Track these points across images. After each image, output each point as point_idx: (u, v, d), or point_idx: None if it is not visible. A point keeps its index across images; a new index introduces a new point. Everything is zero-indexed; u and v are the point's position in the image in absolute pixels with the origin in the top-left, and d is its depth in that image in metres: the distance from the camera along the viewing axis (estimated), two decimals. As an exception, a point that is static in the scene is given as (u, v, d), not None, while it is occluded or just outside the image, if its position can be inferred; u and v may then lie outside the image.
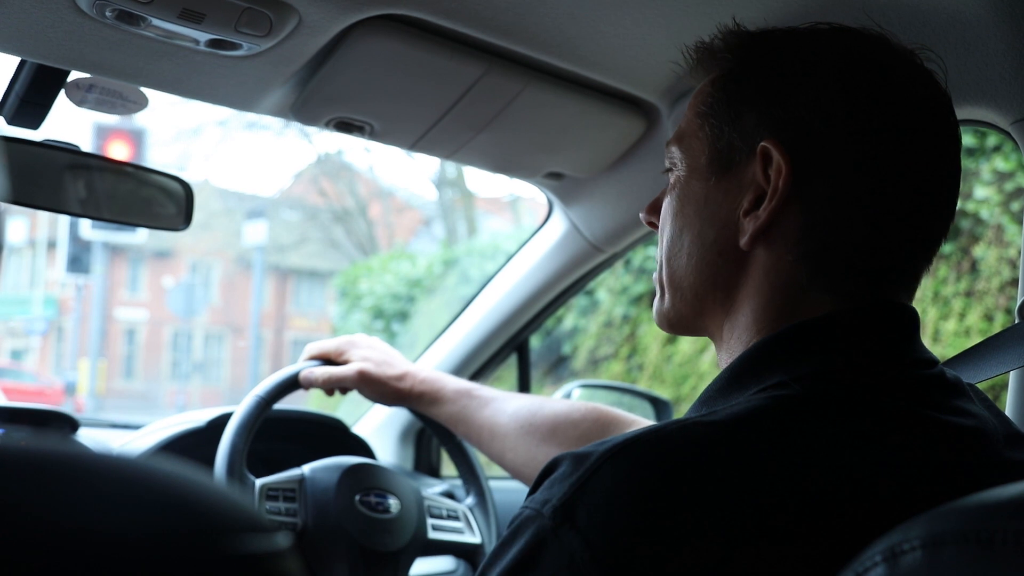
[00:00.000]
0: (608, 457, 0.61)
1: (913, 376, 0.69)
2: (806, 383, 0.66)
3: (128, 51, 1.09)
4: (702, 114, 0.77)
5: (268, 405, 1.41)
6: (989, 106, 1.12)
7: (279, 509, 1.37)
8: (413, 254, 9.61)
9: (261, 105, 1.26)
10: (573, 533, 0.58)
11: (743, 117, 0.73)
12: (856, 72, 0.71)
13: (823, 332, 0.69)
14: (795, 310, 0.71)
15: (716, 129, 0.75)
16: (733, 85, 0.75)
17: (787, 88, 0.72)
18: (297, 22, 1.05)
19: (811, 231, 0.70)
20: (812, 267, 0.71)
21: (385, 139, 1.37)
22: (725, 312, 0.76)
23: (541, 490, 0.63)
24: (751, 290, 0.73)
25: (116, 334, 20.94)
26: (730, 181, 0.74)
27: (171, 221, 1.36)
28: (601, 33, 1.16)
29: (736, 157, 0.74)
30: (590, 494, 0.60)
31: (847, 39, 0.74)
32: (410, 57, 1.16)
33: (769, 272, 0.72)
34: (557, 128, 1.38)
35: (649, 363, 5.75)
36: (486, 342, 1.86)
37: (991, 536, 0.46)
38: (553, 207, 1.70)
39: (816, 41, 0.74)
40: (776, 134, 0.71)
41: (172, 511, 0.35)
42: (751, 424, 0.62)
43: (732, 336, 0.76)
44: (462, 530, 1.52)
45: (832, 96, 0.70)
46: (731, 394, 0.70)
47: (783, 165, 0.70)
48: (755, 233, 0.72)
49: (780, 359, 0.69)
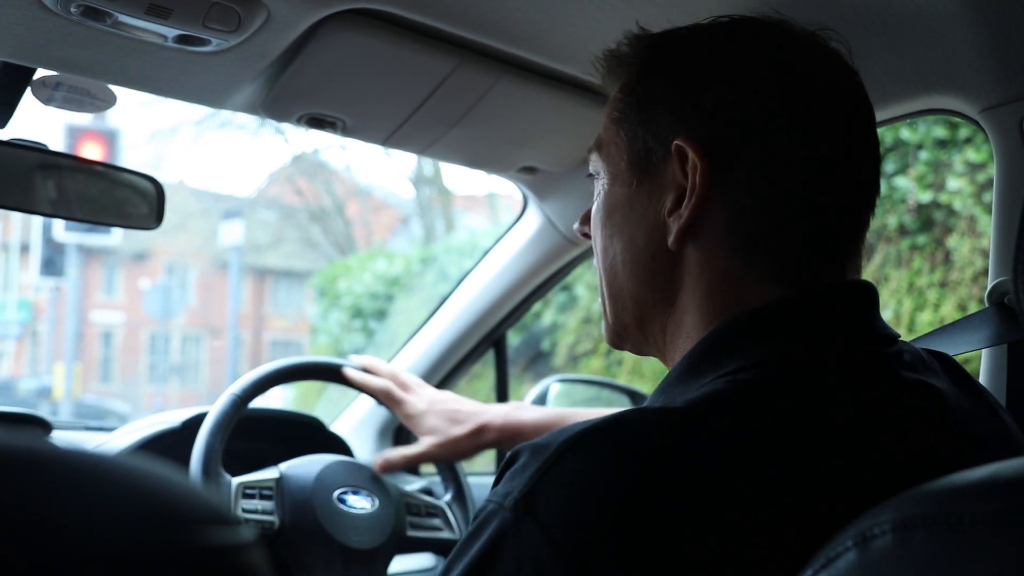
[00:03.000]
0: (567, 448, 0.61)
1: (873, 355, 0.69)
2: (764, 368, 0.66)
3: (95, 48, 1.07)
4: (616, 120, 0.78)
5: (243, 404, 1.40)
6: (957, 95, 1.13)
7: (256, 508, 1.37)
8: (391, 253, 9.59)
9: (231, 102, 1.25)
10: (534, 525, 0.59)
11: (655, 119, 0.74)
12: (761, 59, 0.72)
13: (779, 316, 0.70)
14: (738, 301, 0.71)
15: (630, 133, 0.76)
16: (640, 88, 0.76)
17: (694, 83, 0.72)
18: (266, 17, 1.04)
19: (737, 222, 0.71)
20: (745, 257, 0.71)
21: (357, 135, 1.36)
22: (667, 315, 0.76)
23: (503, 482, 0.63)
24: (690, 288, 0.74)
25: (92, 337, 20.75)
26: (651, 183, 0.74)
27: (143, 220, 1.34)
28: (572, 26, 1.16)
29: (653, 159, 0.74)
30: (549, 485, 0.60)
31: (748, 28, 0.74)
32: (381, 52, 1.16)
33: (704, 268, 0.72)
34: (530, 122, 1.38)
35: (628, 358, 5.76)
36: (463, 338, 1.86)
37: (960, 518, 0.46)
38: (528, 202, 1.70)
39: (717, 34, 0.75)
40: (689, 131, 0.71)
41: (135, 504, 0.34)
42: (710, 410, 0.63)
43: (679, 336, 0.76)
44: (440, 527, 1.52)
45: (739, 84, 0.71)
46: (689, 382, 0.70)
47: (698, 161, 0.70)
48: (680, 232, 0.72)
49: (737, 345, 0.69)
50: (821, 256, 0.71)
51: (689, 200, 0.71)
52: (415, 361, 1.90)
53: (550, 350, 6.60)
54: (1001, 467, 0.50)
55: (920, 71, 1.13)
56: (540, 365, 6.70)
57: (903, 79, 1.15)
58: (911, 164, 4.33)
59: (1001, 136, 1.12)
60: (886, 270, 4.44)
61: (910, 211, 4.37)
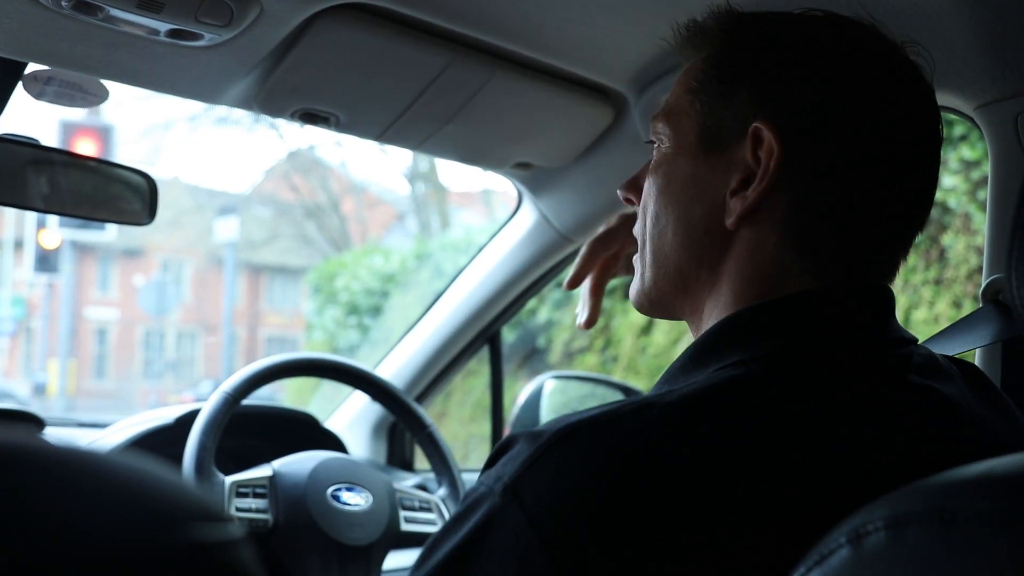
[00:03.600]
0: (559, 438, 0.61)
1: (878, 356, 0.69)
2: (765, 362, 0.66)
3: (87, 42, 1.07)
4: (693, 90, 0.76)
5: (236, 401, 1.39)
6: (952, 92, 1.13)
7: (250, 506, 1.36)
8: (387, 249, 9.58)
9: (224, 96, 1.25)
10: (521, 512, 0.58)
11: (735, 96, 0.73)
12: (849, 59, 0.71)
13: (789, 310, 0.70)
14: (776, 289, 0.71)
15: (707, 107, 0.75)
16: (727, 63, 0.75)
17: (781, 70, 0.72)
18: (259, 11, 1.04)
19: (796, 213, 0.70)
20: (795, 248, 0.71)
21: (351, 130, 1.35)
22: (708, 290, 0.76)
23: (496, 467, 0.63)
24: (734, 269, 0.74)
25: (87, 334, 20.71)
26: (719, 160, 0.74)
27: (136, 215, 1.34)
28: (568, 21, 1.16)
29: (726, 136, 0.73)
30: (539, 474, 0.60)
31: (840, 26, 0.74)
32: (374, 47, 1.15)
33: (754, 252, 0.72)
34: (525, 118, 1.38)
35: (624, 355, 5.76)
36: (458, 335, 1.86)
37: (954, 515, 0.46)
38: (523, 198, 1.69)
39: (811, 25, 0.74)
40: (768, 115, 0.71)
41: (124, 501, 0.34)
42: (702, 404, 0.62)
43: (712, 315, 0.75)
44: (435, 521, 1.52)
45: (825, 81, 0.70)
46: (692, 372, 0.70)
47: (775, 147, 0.70)
48: (743, 213, 0.72)
49: (743, 336, 0.69)
50: (865, 259, 0.72)
51: (759, 184, 0.70)
52: (410, 357, 1.90)
53: (545, 347, 6.60)
54: (995, 464, 0.50)
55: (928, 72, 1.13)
56: (535, 362, 6.70)
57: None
58: None
59: (996, 133, 1.12)
60: None
61: None
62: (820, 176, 0.70)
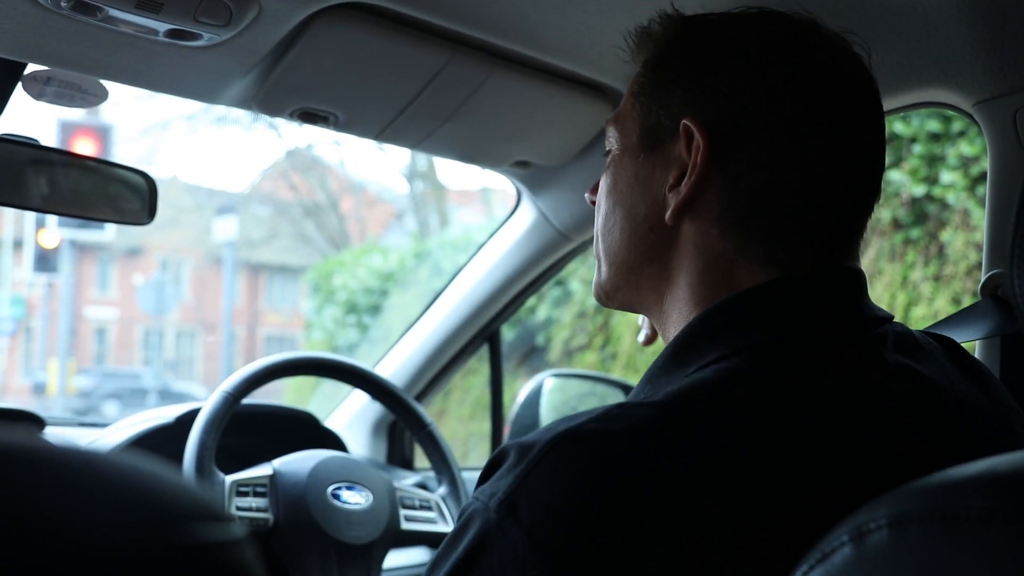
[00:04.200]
0: (549, 448, 0.60)
1: (859, 338, 0.69)
2: (747, 355, 0.66)
3: (86, 42, 1.07)
4: (635, 94, 0.80)
5: (236, 401, 1.40)
6: (950, 88, 1.13)
7: (250, 505, 1.36)
8: (385, 248, 9.57)
9: (223, 96, 1.25)
10: (516, 527, 0.58)
11: (670, 96, 0.76)
12: (778, 49, 0.73)
13: (762, 301, 0.70)
14: (728, 281, 0.72)
15: (646, 108, 0.78)
16: (662, 65, 0.78)
17: (710, 66, 0.74)
18: (257, 11, 1.04)
19: (732, 204, 0.72)
20: (736, 239, 0.72)
21: (350, 129, 1.35)
22: (662, 286, 0.78)
23: (490, 482, 0.63)
24: (683, 264, 0.75)
25: (86, 333, 20.70)
26: (658, 158, 0.76)
27: (136, 215, 1.34)
28: (564, 19, 1.16)
29: (663, 135, 0.76)
30: (532, 487, 0.59)
31: (772, 20, 0.76)
32: (373, 46, 1.15)
33: (698, 246, 0.74)
34: (523, 116, 1.38)
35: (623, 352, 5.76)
36: (457, 333, 1.86)
37: (956, 514, 0.46)
38: (521, 196, 1.69)
39: (742, 22, 0.76)
40: (698, 112, 0.73)
41: (125, 500, 0.34)
42: (691, 402, 0.62)
43: (673, 311, 0.77)
44: (435, 520, 1.52)
45: (753, 73, 0.72)
46: (674, 372, 0.70)
47: (701, 141, 0.72)
48: (677, 208, 0.74)
49: (721, 332, 0.70)
50: (812, 244, 0.72)
51: (689, 178, 0.72)
52: (410, 355, 1.90)
53: (545, 345, 6.60)
54: (996, 462, 0.50)
55: (913, 64, 1.13)
56: (535, 360, 6.70)
57: (896, 72, 1.15)
58: (904, 158, 4.32)
59: (994, 129, 1.12)
60: (880, 264, 4.43)
61: (904, 205, 4.37)
62: (752, 167, 0.71)
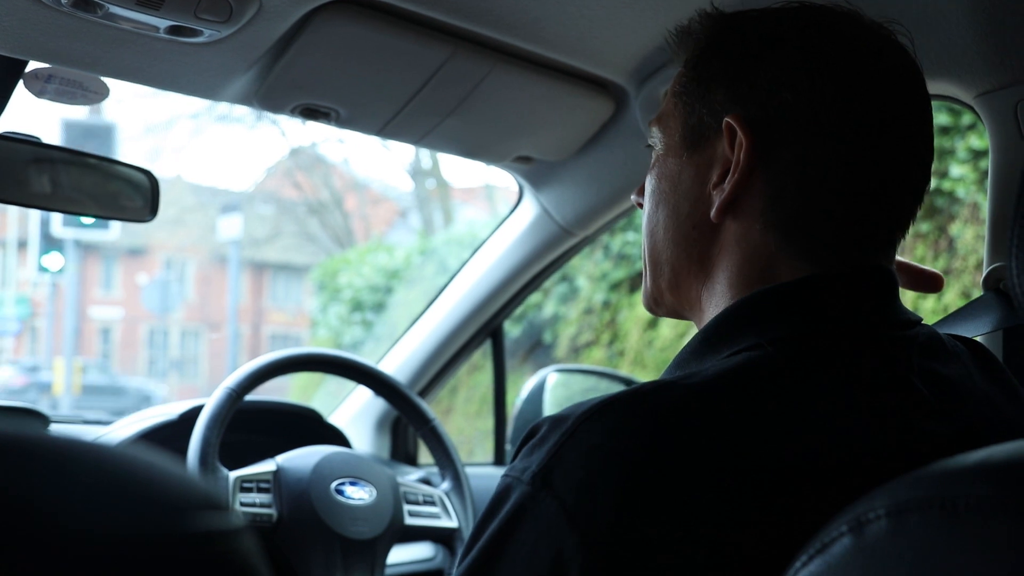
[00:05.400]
0: (584, 419, 0.61)
1: (889, 337, 0.70)
2: (780, 345, 0.67)
3: (86, 39, 1.07)
4: (677, 94, 0.80)
5: (239, 397, 1.40)
6: (952, 80, 1.13)
7: (254, 501, 1.37)
8: (391, 245, 9.57)
9: (225, 93, 1.25)
10: (551, 498, 0.59)
11: (711, 95, 0.75)
12: (820, 44, 0.72)
13: (797, 295, 0.70)
14: (769, 277, 0.72)
15: (688, 107, 0.78)
16: (703, 64, 0.77)
17: (751, 63, 0.73)
18: (258, 7, 1.04)
19: (776, 201, 0.72)
20: (780, 235, 0.72)
21: (352, 125, 1.35)
22: (702, 283, 0.78)
23: (521, 457, 0.63)
24: (725, 260, 0.75)
25: (91, 333, 20.73)
26: (701, 156, 0.76)
27: (138, 213, 1.34)
28: (567, 14, 1.16)
29: (706, 133, 0.76)
30: (567, 458, 0.60)
31: (813, 13, 0.75)
32: (374, 41, 1.15)
33: (740, 242, 0.74)
34: (525, 111, 1.38)
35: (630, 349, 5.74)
36: (460, 329, 1.86)
37: (955, 502, 0.46)
38: (524, 192, 1.69)
39: (782, 17, 0.76)
40: (741, 109, 0.73)
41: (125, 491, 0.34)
42: (725, 386, 0.63)
43: (710, 305, 0.77)
44: (439, 515, 1.52)
45: (796, 68, 0.71)
46: (705, 357, 0.71)
47: (744, 139, 0.71)
48: (722, 205, 0.73)
49: (754, 322, 0.70)
50: (855, 243, 0.72)
51: (733, 175, 0.72)
52: (413, 352, 1.90)
53: (551, 341, 6.58)
54: (994, 451, 0.50)
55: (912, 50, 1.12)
56: (541, 356, 6.68)
57: (898, 65, 1.14)
58: None
59: (997, 121, 1.11)
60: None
61: None
62: (796, 164, 0.71)
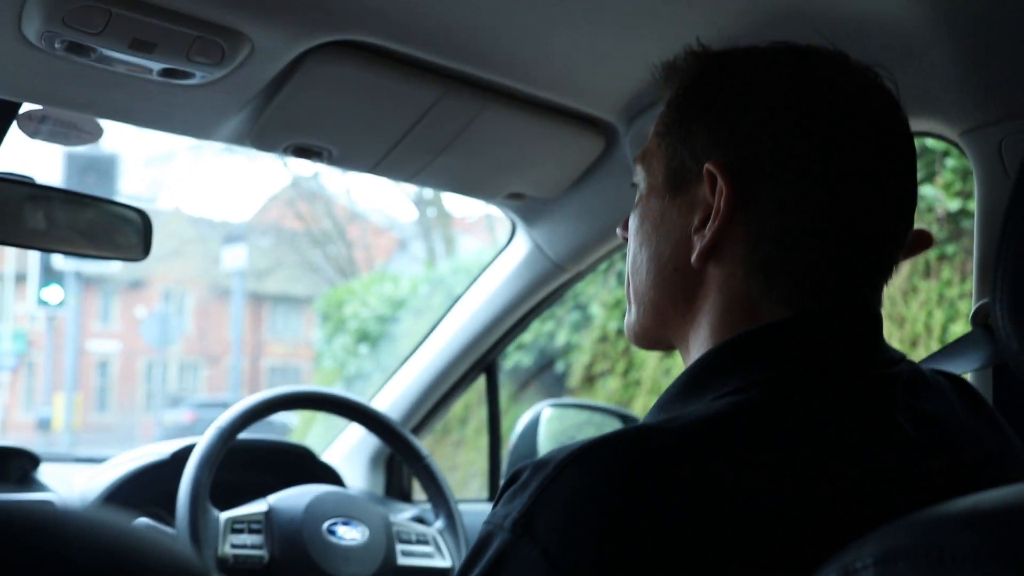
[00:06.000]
0: (565, 465, 0.61)
1: (872, 376, 0.69)
2: (764, 388, 0.66)
3: (80, 82, 1.08)
4: (659, 134, 0.79)
5: (231, 437, 1.40)
6: (936, 117, 1.14)
7: (245, 542, 1.36)
8: (396, 275, 9.53)
9: (218, 133, 1.26)
10: (532, 545, 0.58)
11: (693, 138, 0.75)
12: (804, 88, 0.72)
13: (780, 337, 0.70)
14: (753, 319, 0.72)
15: (670, 148, 0.77)
16: (686, 105, 0.77)
17: (734, 107, 0.73)
18: (250, 50, 1.05)
19: (757, 246, 0.71)
20: (762, 280, 0.71)
21: (344, 164, 1.36)
22: (689, 324, 0.77)
23: (502, 503, 0.63)
24: (708, 303, 0.74)
25: (88, 367, 20.65)
26: (683, 199, 0.75)
27: (132, 251, 1.35)
28: (555, 54, 1.17)
29: (687, 177, 0.75)
30: (548, 504, 0.60)
31: (798, 56, 0.74)
32: (366, 82, 1.16)
33: (723, 287, 0.73)
34: (516, 149, 1.39)
35: (647, 378, 5.55)
36: (454, 364, 1.86)
37: (941, 551, 0.46)
38: (516, 228, 1.70)
39: (767, 58, 0.75)
40: (722, 154, 0.72)
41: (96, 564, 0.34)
42: (709, 431, 0.62)
43: (695, 345, 0.76)
44: (432, 554, 1.51)
45: (778, 112, 0.71)
46: (689, 400, 0.70)
47: (724, 186, 0.71)
48: (703, 251, 0.73)
49: (738, 364, 0.70)
50: (837, 286, 0.71)
51: (713, 222, 0.72)
52: (406, 388, 1.90)
53: (565, 371, 6.34)
54: (983, 498, 0.50)
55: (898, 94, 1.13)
56: (555, 387, 6.42)
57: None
58: (938, 172, 4.17)
59: (982, 159, 1.12)
60: (914, 281, 4.29)
61: (938, 220, 4.20)
62: (777, 210, 0.70)
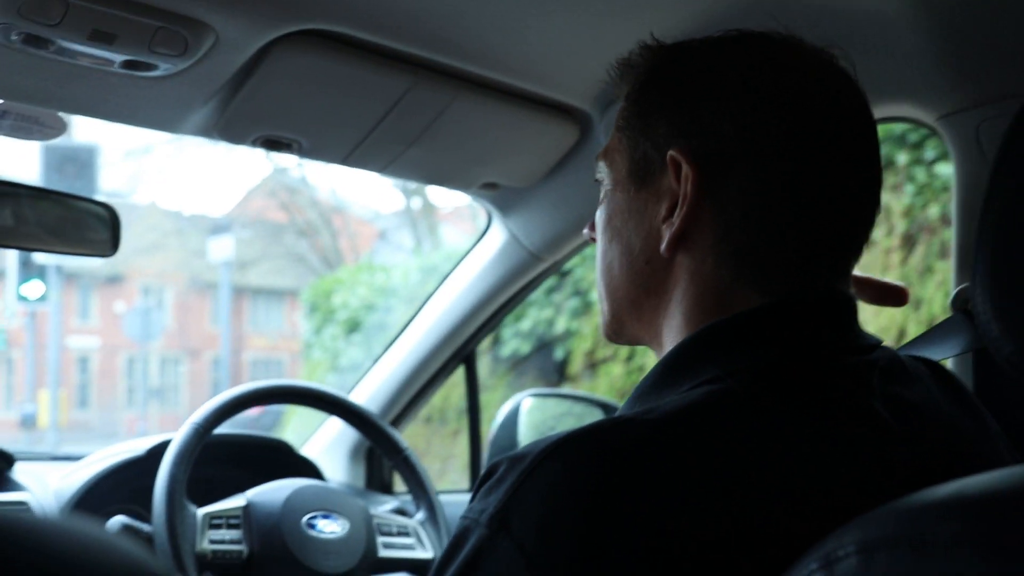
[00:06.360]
0: (542, 459, 0.60)
1: (849, 363, 0.69)
2: (740, 377, 0.66)
3: (39, 75, 1.06)
4: (620, 128, 0.79)
5: (206, 432, 1.38)
6: (913, 103, 1.13)
7: (223, 538, 1.35)
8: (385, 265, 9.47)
9: (183, 126, 1.23)
10: (508, 540, 0.58)
11: (654, 127, 0.75)
12: (758, 72, 0.72)
13: (754, 325, 0.70)
14: (723, 307, 0.71)
15: (632, 141, 0.77)
16: (644, 97, 0.77)
17: (692, 95, 0.73)
18: (214, 40, 1.03)
19: (726, 233, 0.71)
20: (733, 267, 0.71)
21: (314, 155, 1.34)
22: (662, 315, 0.77)
23: (479, 498, 0.62)
24: (680, 293, 0.74)
25: (68, 363, 20.48)
26: (648, 190, 0.75)
27: (100, 247, 1.33)
28: (527, 42, 1.16)
29: (652, 167, 0.75)
30: (524, 498, 0.59)
31: (752, 42, 0.75)
32: (334, 72, 1.14)
33: (694, 275, 0.73)
34: (490, 139, 1.37)
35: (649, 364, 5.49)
36: (432, 356, 1.85)
37: (923, 539, 0.46)
38: (492, 218, 1.69)
39: (721, 46, 0.75)
40: (684, 141, 0.72)
41: None
42: (685, 421, 0.62)
43: (669, 337, 0.76)
44: (413, 546, 1.51)
45: (736, 98, 0.71)
46: (664, 390, 0.70)
47: (690, 171, 0.71)
48: (672, 239, 0.73)
49: (713, 353, 0.69)
50: (808, 270, 0.71)
51: (680, 209, 0.72)
52: (385, 380, 1.89)
53: (565, 358, 6.23)
54: (964, 485, 0.50)
55: (874, 79, 1.12)
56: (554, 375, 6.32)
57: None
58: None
59: (959, 143, 1.12)
60: (929, 261, 4.25)
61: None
62: (743, 195, 0.70)
